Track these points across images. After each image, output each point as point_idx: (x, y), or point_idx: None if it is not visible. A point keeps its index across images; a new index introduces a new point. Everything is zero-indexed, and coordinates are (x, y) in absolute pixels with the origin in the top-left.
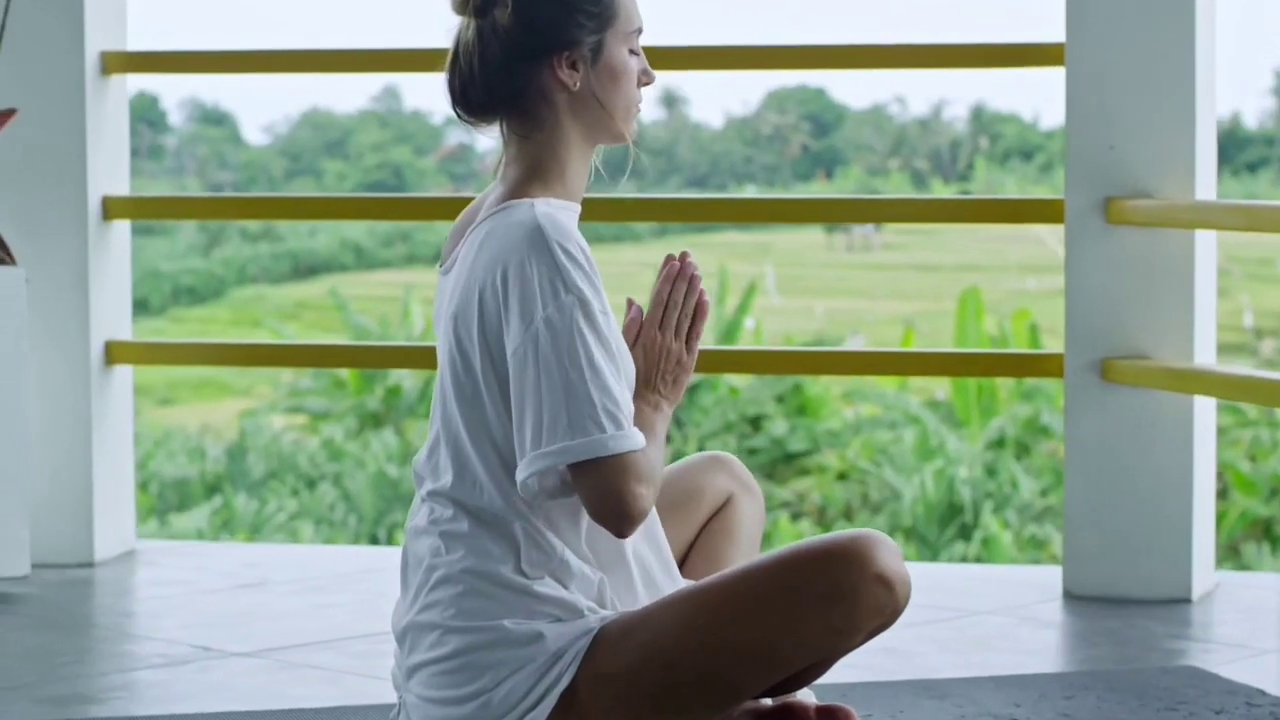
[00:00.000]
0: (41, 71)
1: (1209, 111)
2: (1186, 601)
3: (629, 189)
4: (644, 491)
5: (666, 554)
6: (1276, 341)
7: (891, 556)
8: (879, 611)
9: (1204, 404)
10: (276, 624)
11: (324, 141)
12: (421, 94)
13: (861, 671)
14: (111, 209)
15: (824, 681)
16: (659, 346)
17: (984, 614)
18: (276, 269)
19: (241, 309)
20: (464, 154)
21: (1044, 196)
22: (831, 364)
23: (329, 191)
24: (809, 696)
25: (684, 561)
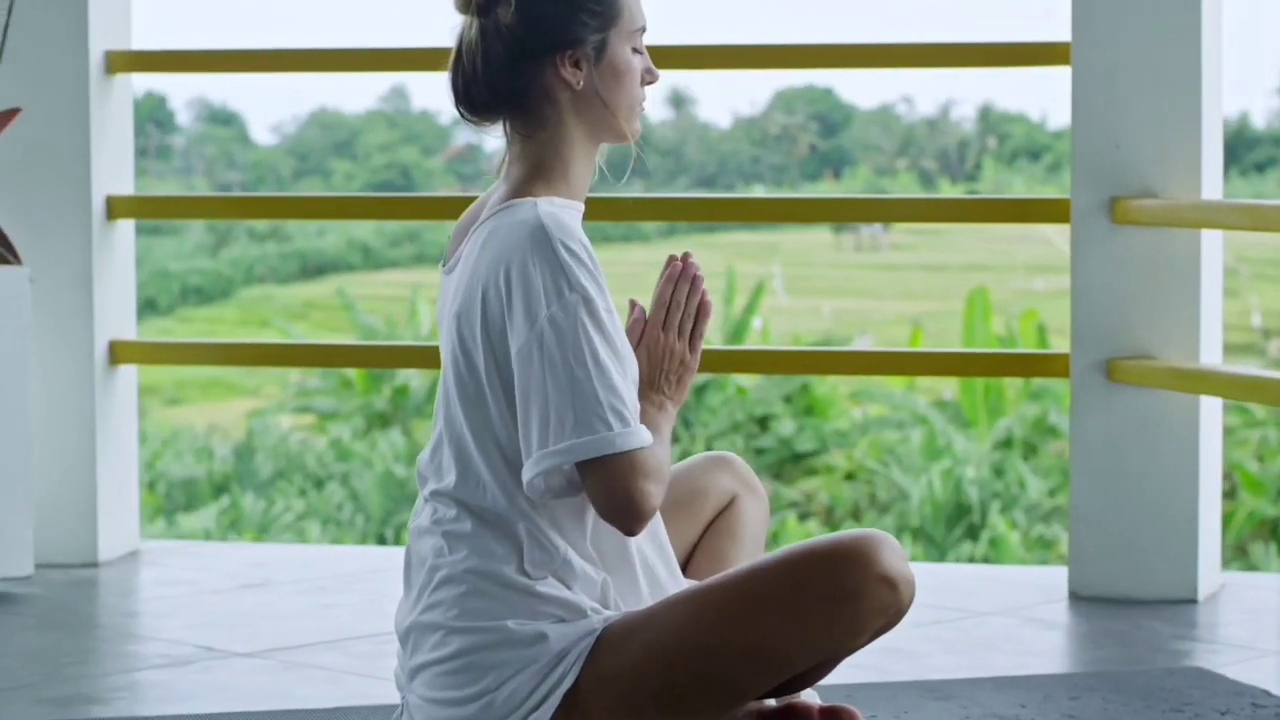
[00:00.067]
0: (46, 71)
1: (1215, 111)
2: (1192, 602)
3: (636, 189)
4: (652, 489)
5: (669, 554)
6: None
7: (895, 557)
8: (883, 612)
9: (1210, 404)
10: (280, 624)
11: (332, 141)
12: (429, 94)
13: (866, 672)
14: (116, 208)
15: (828, 682)
16: (662, 347)
17: (989, 615)
18: (284, 269)
19: (249, 309)
20: (472, 154)
21: (1050, 196)
22: (839, 364)
23: (337, 191)
24: (813, 697)
25: (688, 562)
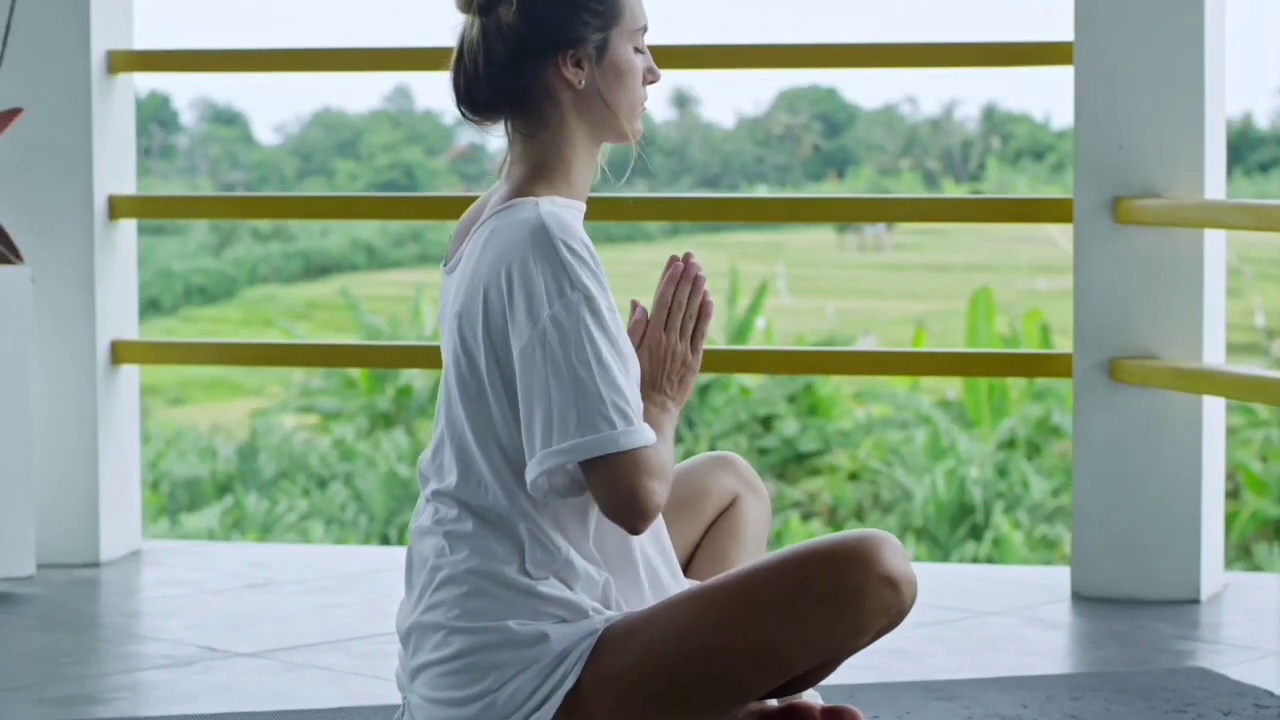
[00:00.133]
0: (47, 70)
1: (1218, 110)
2: (1195, 602)
3: (640, 189)
4: (657, 487)
5: (670, 554)
6: None
7: (897, 557)
8: (885, 612)
9: (1213, 404)
10: (282, 624)
11: (336, 141)
12: (433, 94)
13: (868, 672)
14: (117, 208)
15: (830, 682)
16: (664, 348)
17: (991, 615)
18: (288, 269)
19: (253, 309)
20: (475, 154)
21: (1053, 196)
22: (843, 364)
23: (340, 191)
24: (815, 697)
25: (690, 562)
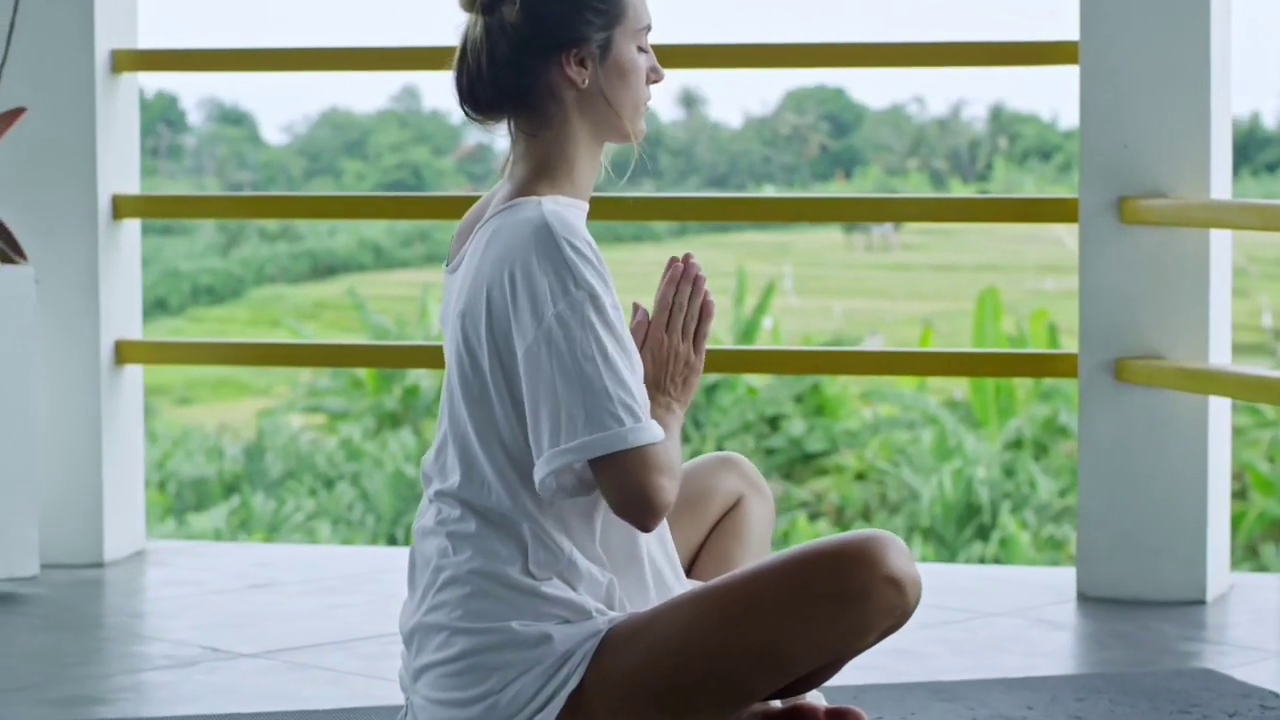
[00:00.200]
0: (51, 70)
1: (1224, 110)
2: (1201, 603)
3: (647, 189)
4: (666, 484)
5: (673, 555)
6: None
7: (901, 557)
8: (889, 613)
9: (1219, 404)
10: (286, 625)
11: (343, 141)
12: (441, 94)
13: (872, 673)
14: (121, 208)
15: (834, 683)
16: (666, 349)
17: (996, 616)
18: (295, 269)
19: (260, 309)
20: (483, 154)
21: (1059, 196)
22: (849, 364)
23: (348, 191)
24: (819, 698)
25: (693, 562)
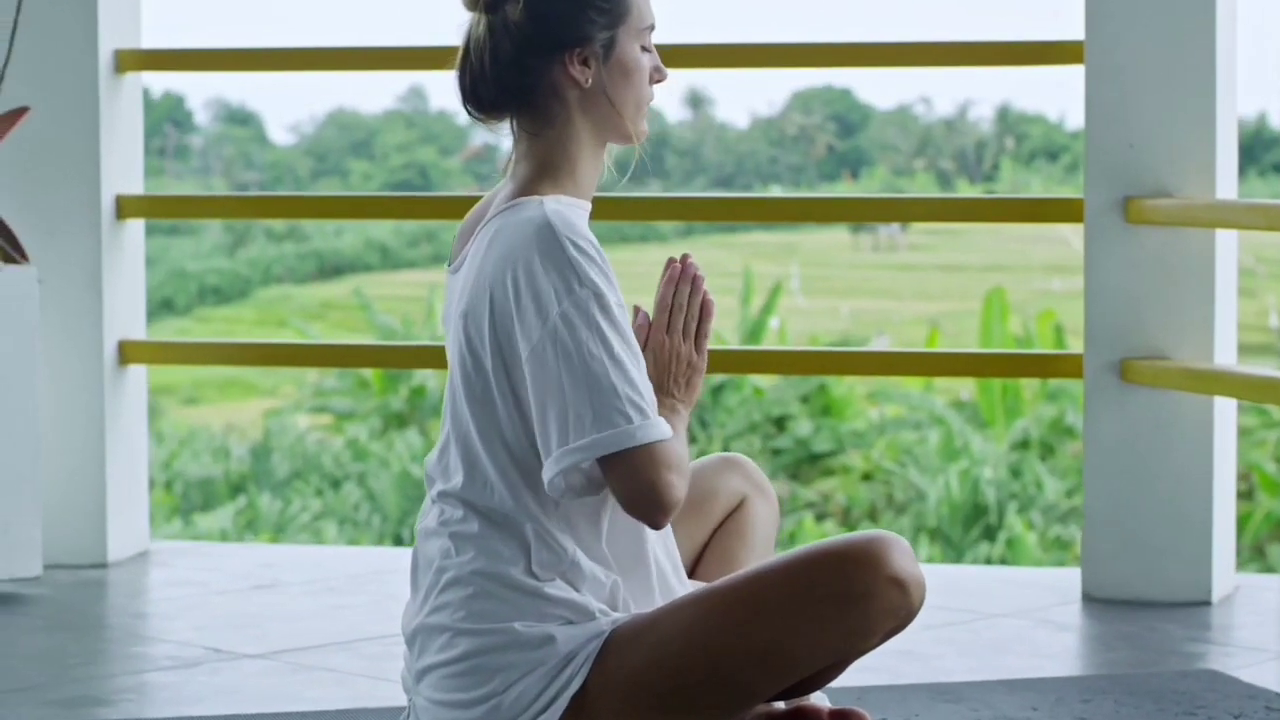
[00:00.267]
0: (55, 69)
1: (1230, 110)
2: (1206, 604)
3: (654, 189)
4: (676, 480)
5: (676, 556)
6: None
7: (905, 558)
8: (893, 614)
9: (1224, 405)
10: (289, 626)
11: (350, 141)
12: (448, 94)
13: (876, 674)
14: (125, 208)
15: (838, 684)
16: (668, 350)
17: (1001, 617)
18: (302, 269)
19: (266, 309)
20: (489, 154)
21: (1064, 196)
22: (856, 364)
23: (354, 191)
24: (822, 700)
25: (697, 563)
